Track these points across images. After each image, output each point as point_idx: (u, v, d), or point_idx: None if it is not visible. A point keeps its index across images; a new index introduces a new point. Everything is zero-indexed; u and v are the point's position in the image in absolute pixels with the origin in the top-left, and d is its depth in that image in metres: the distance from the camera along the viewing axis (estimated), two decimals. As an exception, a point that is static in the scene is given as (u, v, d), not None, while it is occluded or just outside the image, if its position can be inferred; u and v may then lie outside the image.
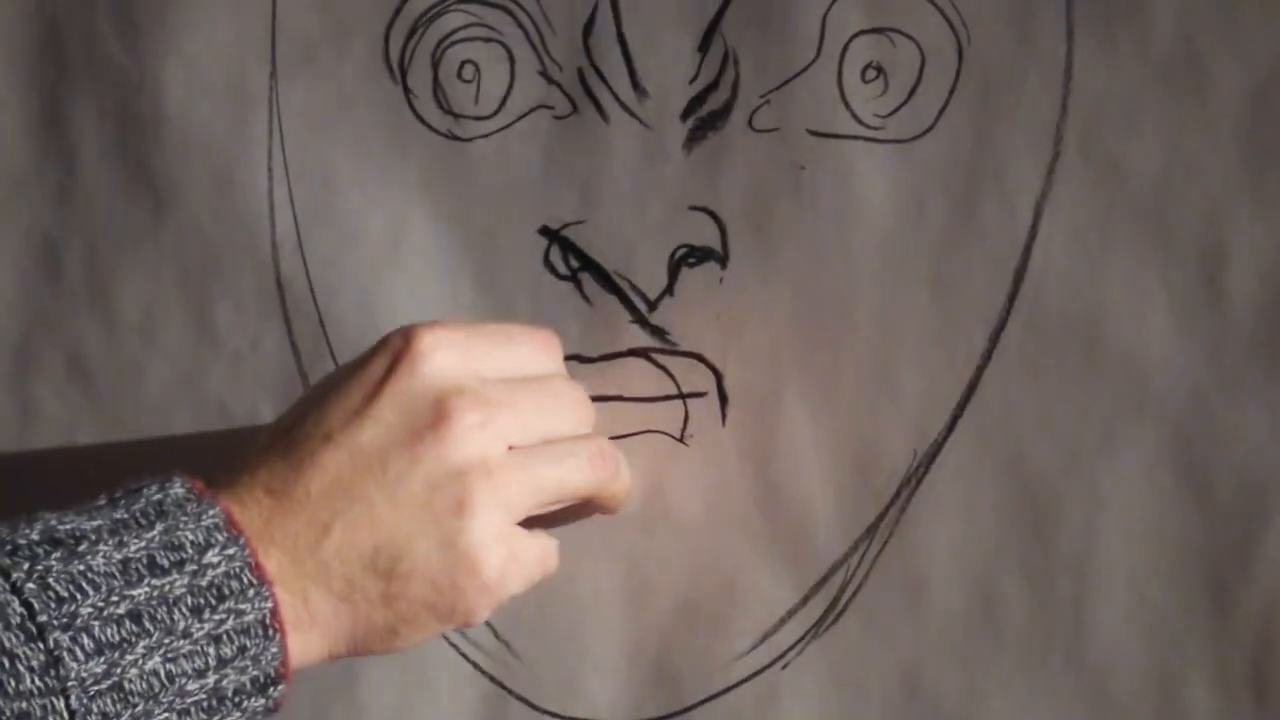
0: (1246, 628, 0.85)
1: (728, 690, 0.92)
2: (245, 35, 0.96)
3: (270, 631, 0.78)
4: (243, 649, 0.77)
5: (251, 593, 0.77)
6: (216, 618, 0.76)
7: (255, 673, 0.78)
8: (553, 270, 0.93)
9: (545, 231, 0.93)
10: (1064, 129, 0.85)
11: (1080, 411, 0.86)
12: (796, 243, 0.89)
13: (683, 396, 0.92)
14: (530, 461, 0.84)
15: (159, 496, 0.78)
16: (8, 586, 0.73)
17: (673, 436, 0.92)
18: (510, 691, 0.95)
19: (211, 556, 0.77)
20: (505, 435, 0.83)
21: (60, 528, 0.76)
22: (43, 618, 0.73)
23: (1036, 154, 0.86)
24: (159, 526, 0.77)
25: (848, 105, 0.88)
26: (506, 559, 0.83)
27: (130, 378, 0.99)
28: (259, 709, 0.79)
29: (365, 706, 0.96)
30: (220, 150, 0.97)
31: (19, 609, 0.73)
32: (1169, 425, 0.85)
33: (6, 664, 0.72)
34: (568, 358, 0.92)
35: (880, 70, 0.87)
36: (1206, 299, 0.84)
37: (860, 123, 0.88)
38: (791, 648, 0.91)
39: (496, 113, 0.93)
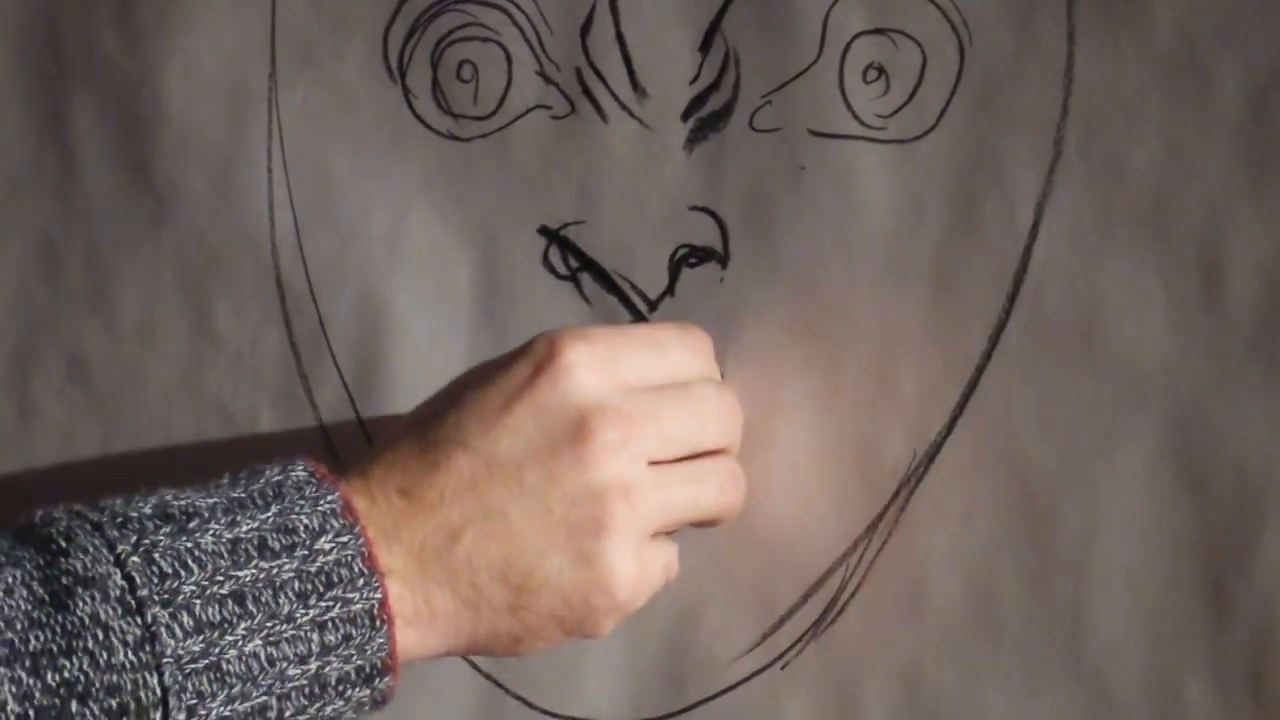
0: (1244, 627, 0.85)
1: (727, 690, 0.92)
2: (245, 36, 0.96)
3: (378, 623, 0.77)
4: (348, 637, 0.76)
5: (361, 582, 0.77)
6: (323, 604, 0.76)
7: (360, 662, 0.77)
8: (552, 270, 0.93)
9: (545, 231, 0.93)
10: (1065, 130, 0.85)
11: (1080, 411, 0.86)
12: (797, 243, 0.89)
13: (683, 396, 0.92)
14: (668, 483, 0.83)
15: (279, 478, 0.78)
16: (112, 559, 0.73)
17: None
18: (508, 691, 0.95)
19: (324, 543, 0.76)
20: (646, 452, 0.82)
21: (175, 503, 0.76)
22: (143, 592, 0.72)
23: (1037, 155, 0.86)
24: (274, 508, 0.76)
25: (849, 105, 0.88)
26: (638, 577, 0.82)
27: (130, 378, 0.99)
28: (364, 699, 0.78)
29: (365, 706, 0.96)
30: (220, 151, 0.97)
31: (120, 581, 0.72)
32: (1168, 425, 0.85)
33: (101, 636, 0.71)
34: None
35: (881, 71, 0.87)
36: (1206, 300, 0.84)
37: (861, 123, 0.88)
38: (791, 647, 0.91)
39: (495, 113, 0.93)
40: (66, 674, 0.71)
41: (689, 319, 0.91)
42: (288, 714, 0.76)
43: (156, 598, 0.73)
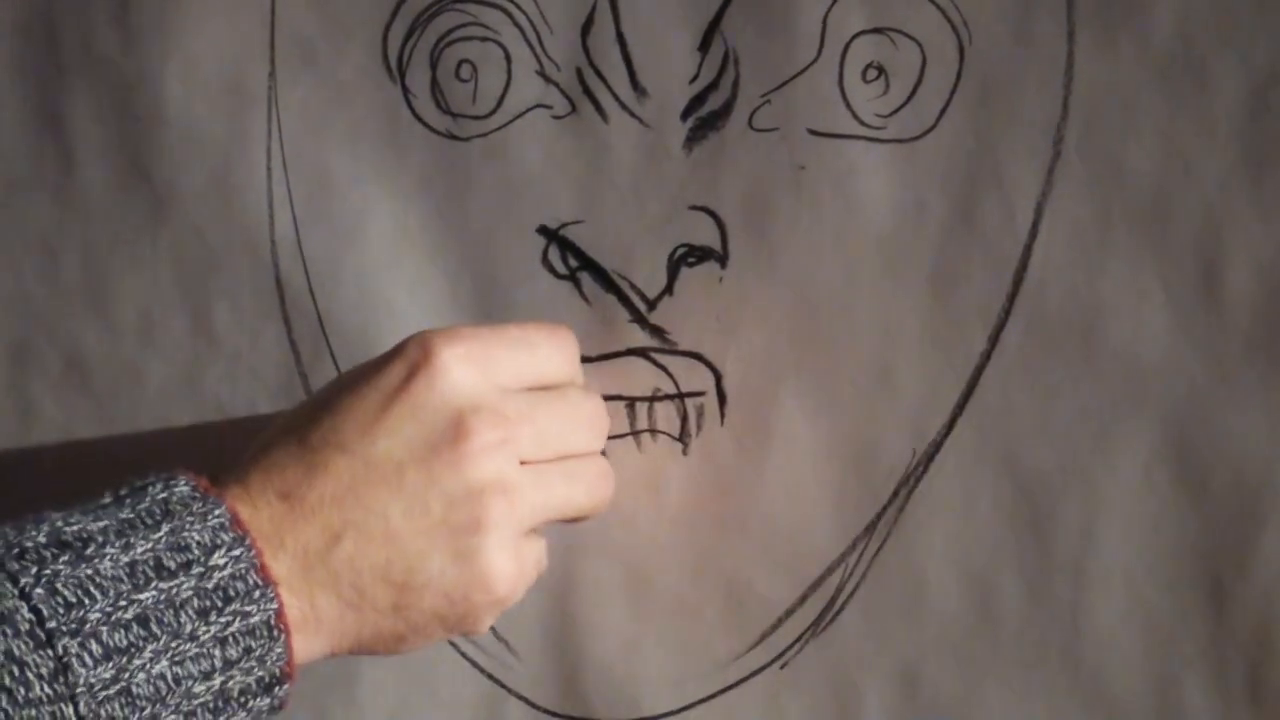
0: (1243, 627, 0.85)
1: (726, 690, 0.92)
2: (244, 35, 0.96)
3: (275, 632, 0.78)
4: (248, 650, 0.77)
5: (257, 594, 0.77)
6: (223, 620, 0.76)
7: (261, 673, 0.78)
8: (551, 270, 0.93)
9: (544, 231, 0.93)
10: (1064, 129, 0.85)
11: (1079, 411, 0.86)
12: (796, 242, 0.89)
13: (681, 396, 0.92)
14: (544, 481, 0.84)
15: (164, 495, 0.78)
16: (16, 592, 0.73)
17: (671, 436, 0.92)
18: (510, 690, 0.95)
19: (218, 558, 0.77)
20: (522, 452, 0.83)
21: (67, 529, 0.76)
22: (51, 624, 0.72)
23: (1037, 154, 0.86)
24: (165, 527, 0.77)
25: (848, 105, 0.88)
26: (516, 573, 0.83)
27: (129, 377, 0.99)
28: (264, 708, 0.78)
29: (365, 706, 0.96)
30: (219, 150, 0.97)
31: (28, 615, 0.72)
32: (1167, 425, 0.85)
33: (16, 672, 0.71)
34: (567, 357, 0.93)
35: (881, 70, 0.88)
36: (1205, 299, 0.84)
37: (861, 122, 0.88)
38: (790, 647, 0.91)
39: (494, 112, 0.93)
40: None
41: (688, 318, 0.91)
42: None
43: (65, 628, 0.73)
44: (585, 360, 0.92)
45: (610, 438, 0.92)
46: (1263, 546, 0.84)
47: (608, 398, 0.92)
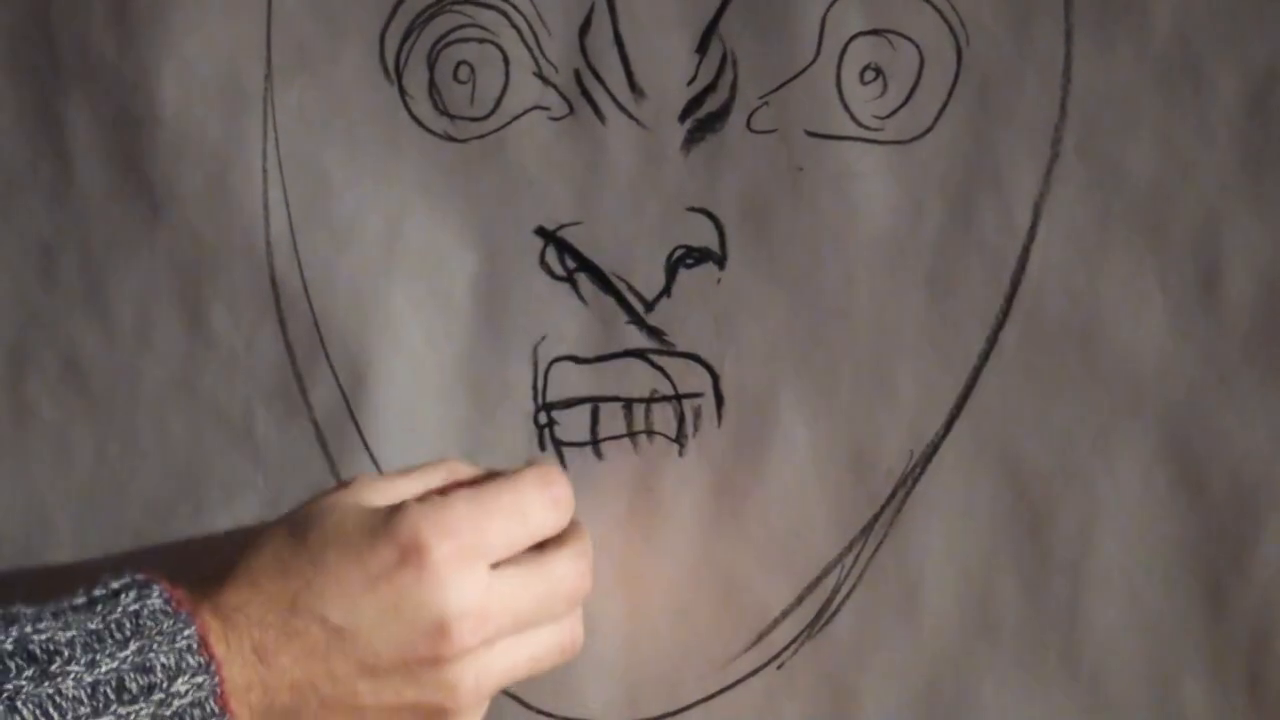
0: (1241, 628, 0.85)
1: (723, 691, 0.92)
2: (241, 37, 0.96)
3: None
4: None
5: None
6: None
7: None
8: (549, 271, 0.93)
9: (542, 232, 0.93)
10: (1062, 131, 0.85)
11: (1077, 413, 0.86)
12: (794, 244, 0.89)
13: (679, 397, 0.92)
14: (514, 654, 0.86)
15: (136, 607, 0.79)
16: None
17: (668, 437, 0.92)
18: (505, 691, 0.94)
19: (180, 685, 0.78)
20: (500, 634, 0.84)
21: (35, 637, 0.76)
22: None
23: (1035, 156, 0.86)
24: (133, 645, 0.77)
25: (846, 106, 0.88)
26: None
27: (125, 379, 0.99)
28: None
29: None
30: (215, 152, 0.97)
31: None
32: (1165, 426, 0.86)
33: None
34: (564, 358, 0.93)
35: (879, 72, 0.88)
36: (1203, 301, 0.84)
37: (859, 124, 0.88)
38: (786, 648, 0.91)
39: (492, 114, 0.93)
40: None
41: (686, 320, 0.91)
42: None
43: None
44: (583, 362, 0.92)
45: (607, 439, 0.92)
46: (1261, 547, 0.84)
47: (605, 399, 0.92)
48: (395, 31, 0.94)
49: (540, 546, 0.87)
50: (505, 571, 0.85)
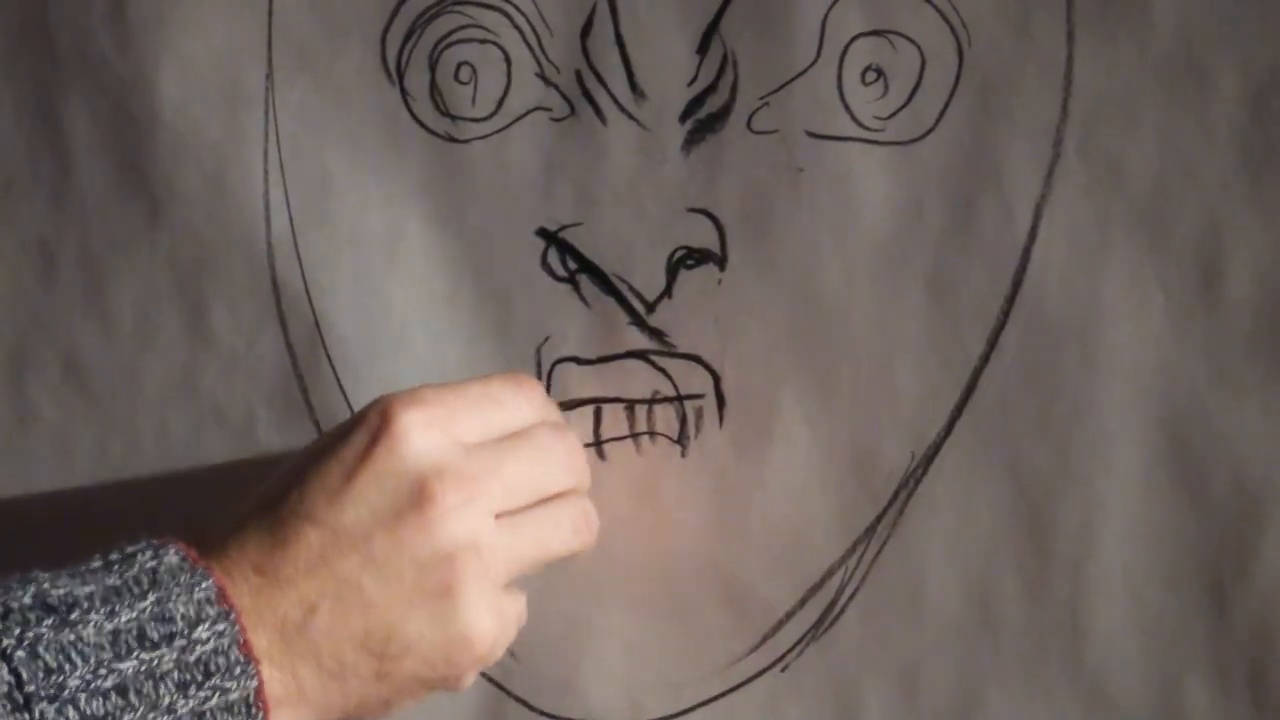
0: (1244, 628, 0.85)
1: (726, 693, 0.92)
2: (241, 37, 0.96)
3: (254, 710, 0.78)
4: None
5: (238, 670, 0.77)
6: (202, 694, 0.76)
7: None
8: (550, 272, 0.93)
9: (543, 233, 0.93)
10: (1064, 131, 0.85)
11: (1078, 413, 0.86)
12: (795, 245, 0.89)
13: (680, 398, 0.92)
14: (517, 533, 0.84)
15: (153, 564, 0.78)
16: None
17: (670, 439, 0.92)
18: (509, 693, 0.95)
19: (201, 632, 0.77)
20: (491, 507, 0.83)
21: (53, 592, 0.76)
22: (30, 688, 0.73)
23: (1036, 156, 0.86)
24: (151, 597, 0.77)
25: (847, 107, 0.88)
26: (497, 630, 0.83)
27: (126, 380, 0.98)
28: None
29: (362, 709, 0.96)
30: (215, 152, 0.97)
31: (7, 677, 0.72)
32: (1166, 427, 0.85)
33: None
34: (565, 359, 0.93)
35: (880, 72, 0.87)
36: (1204, 301, 0.84)
37: (860, 125, 0.88)
38: (790, 650, 0.91)
39: (493, 114, 0.93)
40: None
41: (687, 321, 0.91)
42: None
43: (44, 693, 0.73)
44: (584, 363, 0.92)
45: (609, 440, 0.92)
46: (1263, 548, 0.84)
47: (606, 400, 0.92)
48: (397, 32, 0.94)
49: None
50: (484, 445, 0.84)
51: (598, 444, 0.93)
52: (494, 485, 0.83)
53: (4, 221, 0.99)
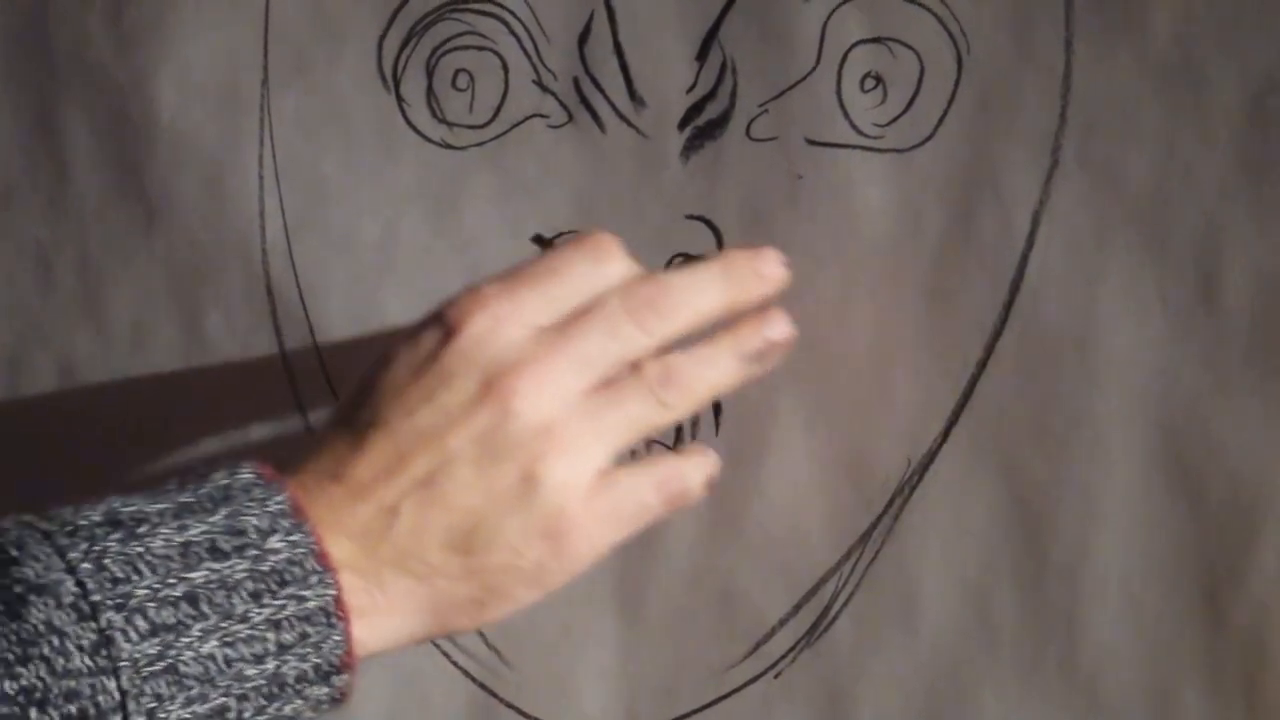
0: (1239, 635, 0.85)
1: (720, 699, 0.92)
2: (237, 42, 0.96)
3: (333, 619, 0.77)
4: (304, 635, 0.76)
5: (315, 579, 0.76)
6: (277, 603, 0.75)
7: (317, 660, 0.77)
8: (547, 279, 0.93)
9: (540, 240, 0.93)
10: (1062, 139, 0.85)
11: (1075, 420, 0.86)
12: (793, 252, 0.89)
13: (677, 405, 0.92)
14: (595, 408, 0.81)
15: (226, 481, 0.78)
16: (63, 565, 0.72)
17: (665, 445, 0.92)
18: (500, 699, 0.95)
19: (274, 542, 0.76)
20: (566, 388, 0.81)
21: (123, 510, 0.75)
22: (96, 597, 0.72)
23: (1034, 164, 0.86)
24: (223, 511, 0.76)
25: (846, 114, 0.88)
26: (590, 516, 0.81)
27: (121, 385, 0.98)
28: (323, 697, 0.77)
29: (355, 713, 0.95)
30: (212, 158, 0.97)
31: (73, 588, 0.72)
32: (1163, 434, 0.86)
33: (56, 642, 0.71)
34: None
35: (879, 80, 0.88)
36: (1203, 309, 0.84)
37: (859, 132, 0.88)
38: (784, 657, 0.91)
39: (490, 121, 0.93)
40: (24, 681, 0.70)
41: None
42: (247, 714, 0.75)
43: (110, 602, 0.72)
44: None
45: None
46: (1258, 554, 0.84)
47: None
48: (394, 38, 0.94)
49: None
50: (553, 327, 0.82)
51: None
52: (562, 363, 0.81)
53: (1, 227, 0.99)
